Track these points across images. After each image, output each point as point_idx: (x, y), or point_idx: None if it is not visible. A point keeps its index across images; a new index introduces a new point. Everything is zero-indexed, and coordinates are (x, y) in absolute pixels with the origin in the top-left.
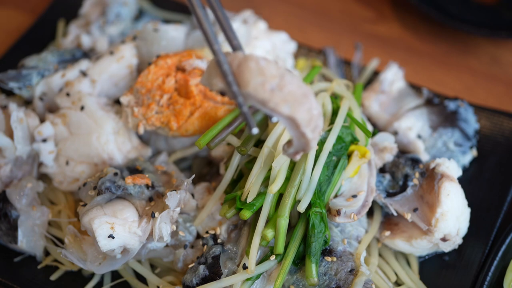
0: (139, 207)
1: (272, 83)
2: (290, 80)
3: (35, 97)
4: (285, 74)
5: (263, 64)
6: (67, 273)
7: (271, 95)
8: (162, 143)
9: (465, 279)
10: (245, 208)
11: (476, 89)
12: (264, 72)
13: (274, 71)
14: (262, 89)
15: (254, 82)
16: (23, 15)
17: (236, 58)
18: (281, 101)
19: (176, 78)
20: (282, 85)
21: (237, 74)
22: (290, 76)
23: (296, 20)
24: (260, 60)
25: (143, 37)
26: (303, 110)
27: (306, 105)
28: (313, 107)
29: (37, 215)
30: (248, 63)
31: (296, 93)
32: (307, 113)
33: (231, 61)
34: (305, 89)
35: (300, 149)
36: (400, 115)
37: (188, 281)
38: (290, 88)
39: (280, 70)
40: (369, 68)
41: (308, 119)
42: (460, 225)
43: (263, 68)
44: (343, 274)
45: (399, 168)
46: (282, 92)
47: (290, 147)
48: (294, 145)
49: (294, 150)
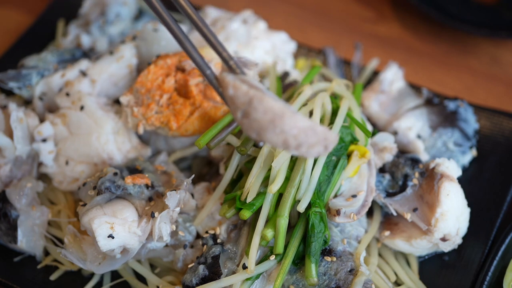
0: (139, 207)
1: (241, 111)
2: (255, 107)
3: (35, 97)
4: (252, 101)
5: (232, 93)
6: (67, 273)
7: (241, 122)
8: (162, 143)
9: (464, 279)
10: (244, 208)
11: (476, 89)
12: (234, 100)
13: (242, 98)
14: (235, 116)
15: (231, 108)
16: (22, 15)
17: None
18: (248, 128)
19: (175, 78)
20: (248, 113)
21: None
22: (256, 102)
23: (296, 20)
24: (229, 89)
25: (143, 37)
26: (271, 135)
27: (276, 129)
28: (288, 128)
29: (37, 215)
30: (224, 90)
31: (262, 120)
32: (278, 136)
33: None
34: (273, 114)
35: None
36: (400, 115)
37: (188, 281)
38: (255, 116)
39: (249, 95)
40: (369, 68)
41: (281, 141)
42: (460, 225)
43: (232, 97)
44: (343, 274)
45: (399, 168)
46: (248, 120)
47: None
48: None
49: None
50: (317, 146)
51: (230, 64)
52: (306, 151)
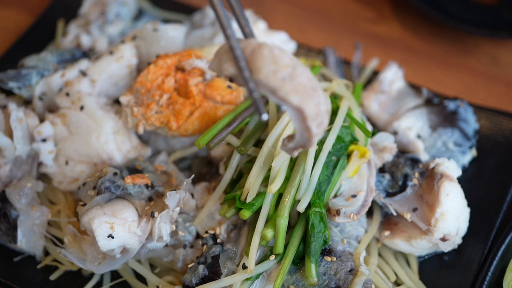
0: (139, 207)
1: (284, 72)
2: (301, 72)
3: (35, 97)
4: (297, 65)
5: (277, 53)
6: (66, 273)
7: (282, 84)
8: (162, 143)
9: (464, 279)
10: (244, 208)
11: (476, 89)
12: (277, 60)
13: (287, 61)
14: (274, 77)
15: (267, 69)
16: (23, 15)
17: (250, 44)
18: (292, 91)
19: (175, 78)
20: (293, 76)
21: (249, 61)
22: (302, 68)
23: (296, 20)
24: (274, 49)
25: (142, 37)
26: (311, 103)
27: (315, 99)
28: (321, 102)
29: (36, 215)
30: (262, 50)
31: (307, 85)
32: (315, 107)
33: (244, 47)
34: (315, 83)
35: (301, 144)
36: (400, 115)
37: (187, 281)
38: (301, 79)
39: (293, 61)
40: (369, 68)
41: (316, 113)
42: (459, 225)
43: (277, 56)
44: (343, 274)
45: (399, 168)
46: (293, 82)
47: (290, 141)
48: (295, 139)
49: (295, 145)
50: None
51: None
52: (320, 132)
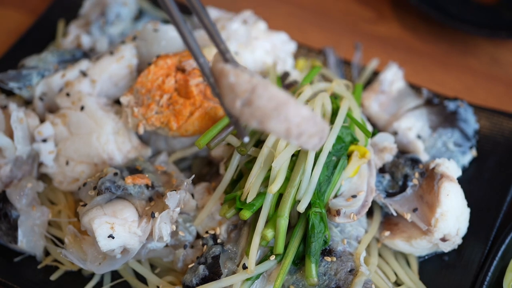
0: (139, 207)
1: (242, 99)
2: (260, 94)
3: (35, 97)
4: (256, 88)
5: (233, 80)
6: (67, 273)
7: (241, 111)
8: (162, 143)
9: (464, 279)
10: (245, 208)
11: (476, 89)
12: (234, 88)
13: (244, 86)
14: (233, 105)
15: (227, 98)
16: (23, 15)
17: (216, 71)
18: (250, 117)
19: (176, 78)
20: (251, 100)
21: (218, 87)
22: (261, 90)
23: (296, 20)
24: (230, 77)
25: (143, 37)
26: (275, 122)
27: (280, 117)
28: (291, 116)
29: (37, 215)
30: (222, 79)
31: (266, 107)
32: (281, 124)
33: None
34: (277, 101)
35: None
36: (400, 115)
37: (188, 281)
38: (258, 103)
39: (252, 83)
40: (369, 68)
41: (285, 129)
42: (459, 225)
43: (233, 84)
44: (343, 274)
45: (399, 168)
46: (250, 108)
47: None
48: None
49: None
50: (315, 136)
51: (226, 56)
52: (306, 141)
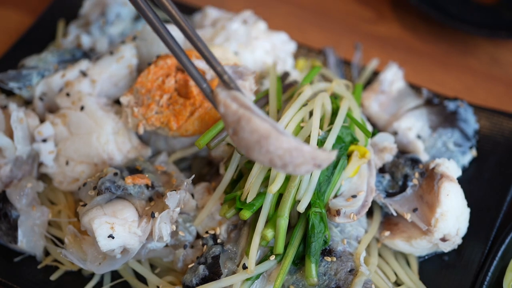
0: (139, 207)
1: (231, 128)
2: (243, 127)
3: (35, 97)
4: (240, 121)
5: (222, 111)
6: (67, 273)
7: (232, 138)
8: (162, 143)
9: (464, 279)
10: (245, 208)
11: (476, 89)
12: (225, 118)
13: (231, 117)
14: (227, 131)
15: (224, 124)
16: (23, 15)
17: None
18: (238, 145)
19: (176, 78)
20: (237, 131)
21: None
22: (244, 122)
23: (296, 20)
24: (220, 107)
25: (143, 37)
26: (258, 154)
27: (261, 149)
28: (273, 149)
29: (37, 215)
30: (218, 107)
31: (249, 139)
32: (264, 156)
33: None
34: (258, 135)
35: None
36: (400, 115)
37: (188, 281)
38: (242, 135)
39: (237, 114)
40: (369, 68)
41: (268, 160)
42: (459, 225)
43: (223, 114)
44: (343, 274)
45: (399, 168)
46: (237, 137)
47: None
48: None
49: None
50: (304, 165)
51: (224, 78)
52: (293, 169)
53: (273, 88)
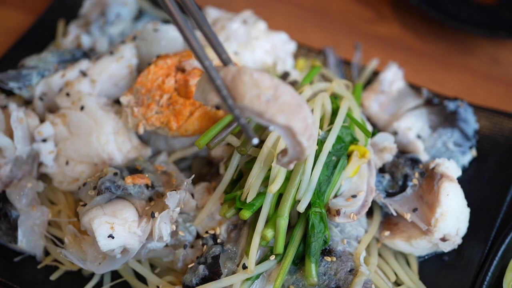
0: (139, 207)
1: (267, 95)
2: (284, 91)
3: (35, 97)
4: (279, 85)
5: (257, 76)
6: (67, 273)
7: (267, 106)
8: (162, 143)
9: (464, 279)
10: (244, 208)
11: (476, 89)
12: (258, 84)
13: (268, 83)
14: (258, 101)
15: (250, 94)
16: (23, 15)
17: (229, 72)
18: (277, 111)
19: (176, 78)
20: (277, 96)
21: (231, 88)
22: (284, 87)
23: (296, 20)
24: (254, 73)
25: (143, 37)
26: (298, 119)
27: (301, 114)
28: (308, 116)
29: (37, 215)
30: (242, 76)
31: (291, 103)
32: (302, 122)
33: (224, 76)
34: (299, 99)
35: (295, 157)
36: (400, 115)
37: (188, 281)
38: (285, 98)
39: (274, 81)
40: (369, 68)
41: (304, 127)
42: (459, 225)
43: (257, 80)
44: (343, 274)
45: (399, 168)
46: (277, 103)
47: (284, 156)
48: (289, 154)
49: (289, 159)
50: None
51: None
52: (311, 145)
53: None
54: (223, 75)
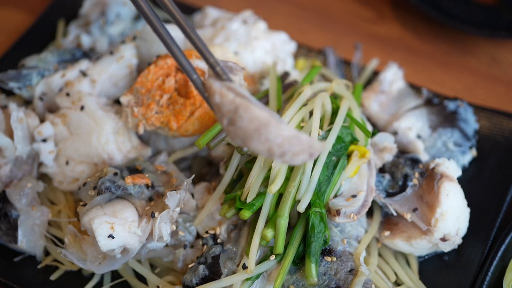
0: (139, 207)
1: (227, 119)
2: (241, 115)
3: (35, 97)
4: (238, 109)
5: (218, 100)
6: (67, 273)
7: (227, 129)
8: (162, 143)
9: (464, 279)
10: (244, 208)
11: (476, 89)
12: (220, 108)
13: (228, 106)
14: (221, 122)
15: (217, 115)
16: (23, 15)
17: (207, 88)
18: (234, 135)
19: (176, 78)
20: (234, 121)
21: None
22: (242, 111)
23: (296, 20)
24: (216, 97)
25: (143, 37)
26: (256, 143)
27: (261, 138)
28: (272, 137)
29: (37, 215)
30: (211, 97)
31: (247, 128)
32: (262, 145)
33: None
34: (258, 123)
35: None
36: (400, 115)
37: (188, 281)
38: (240, 123)
39: (235, 103)
40: (369, 68)
41: (266, 149)
42: (459, 225)
43: (219, 104)
44: (343, 274)
45: (399, 168)
46: (234, 127)
47: None
48: None
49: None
50: (301, 154)
51: (216, 70)
52: (291, 158)
53: (273, 88)
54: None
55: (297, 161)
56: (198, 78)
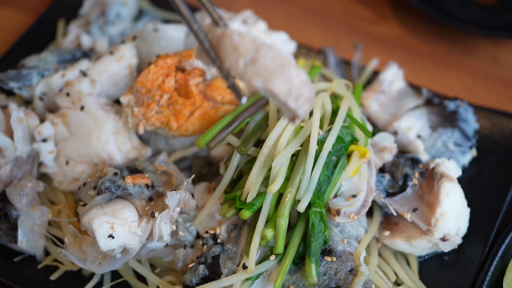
0: (139, 207)
1: (246, 58)
2: (264, 53)
3: (35, 97)
4: (260, 48)
5: (237, 40)
6: (67, 273)
7: (244, 70)
8: (162, 143)
9: (464, 279)
10: (244, 208)
11: (476, 89)
12: (237, 48)
13: (248, 46)
14: (236, 65)
15: (229, 59)
16: (23, 15)
17: (215, 34)
18: (254, 75)
19: (176, 78)
20: (255, 59)
21: (216, 51)
22: (265, 49)
23: (296, 20)
24: (234, 37)
25: (143, 37)
26: (279, 81)
27: (283, 76)
28: (293, 77)
29: (37, 215)
30: (223, 40)
31: (271, 65)
32: (284, 84)
33: (211, 38)
34: (282, 61)
35: (291, 117)
36: (400, 115)
37: (188, 281)
38: (263, 61)
39: (256, 44)
40: (369, 68)
41: (287, 89)
42: (459, 225)
43: (237, 44)
44: (343, 274)
45: (399, 168)
46: (255, 67)
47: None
48: (284, 114)
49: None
50: (308, 102)
51: (220, 24)
52: (301, 105)
53: None
54: (210, 37)
55: (304, 109)
56: (199, 28)
